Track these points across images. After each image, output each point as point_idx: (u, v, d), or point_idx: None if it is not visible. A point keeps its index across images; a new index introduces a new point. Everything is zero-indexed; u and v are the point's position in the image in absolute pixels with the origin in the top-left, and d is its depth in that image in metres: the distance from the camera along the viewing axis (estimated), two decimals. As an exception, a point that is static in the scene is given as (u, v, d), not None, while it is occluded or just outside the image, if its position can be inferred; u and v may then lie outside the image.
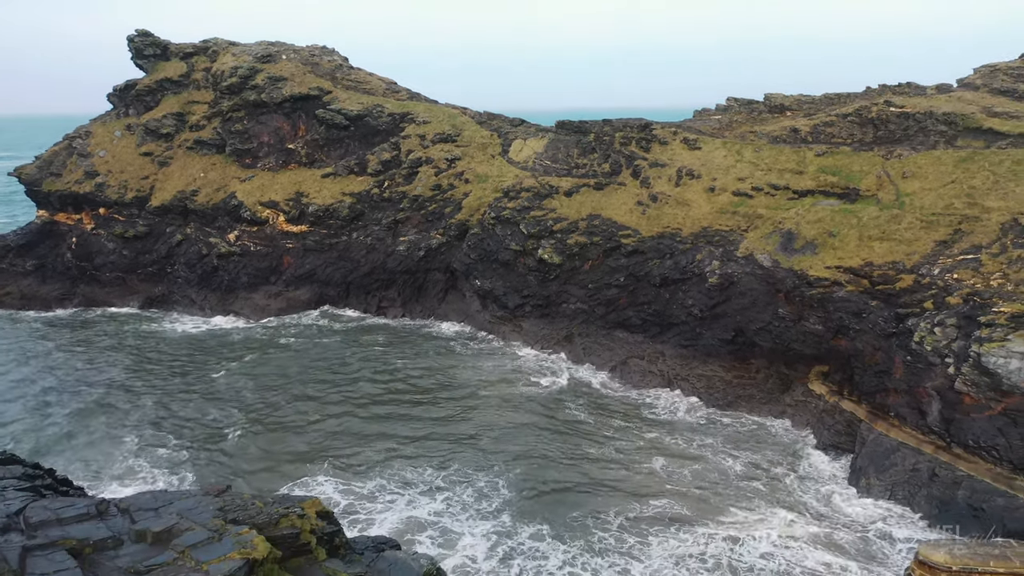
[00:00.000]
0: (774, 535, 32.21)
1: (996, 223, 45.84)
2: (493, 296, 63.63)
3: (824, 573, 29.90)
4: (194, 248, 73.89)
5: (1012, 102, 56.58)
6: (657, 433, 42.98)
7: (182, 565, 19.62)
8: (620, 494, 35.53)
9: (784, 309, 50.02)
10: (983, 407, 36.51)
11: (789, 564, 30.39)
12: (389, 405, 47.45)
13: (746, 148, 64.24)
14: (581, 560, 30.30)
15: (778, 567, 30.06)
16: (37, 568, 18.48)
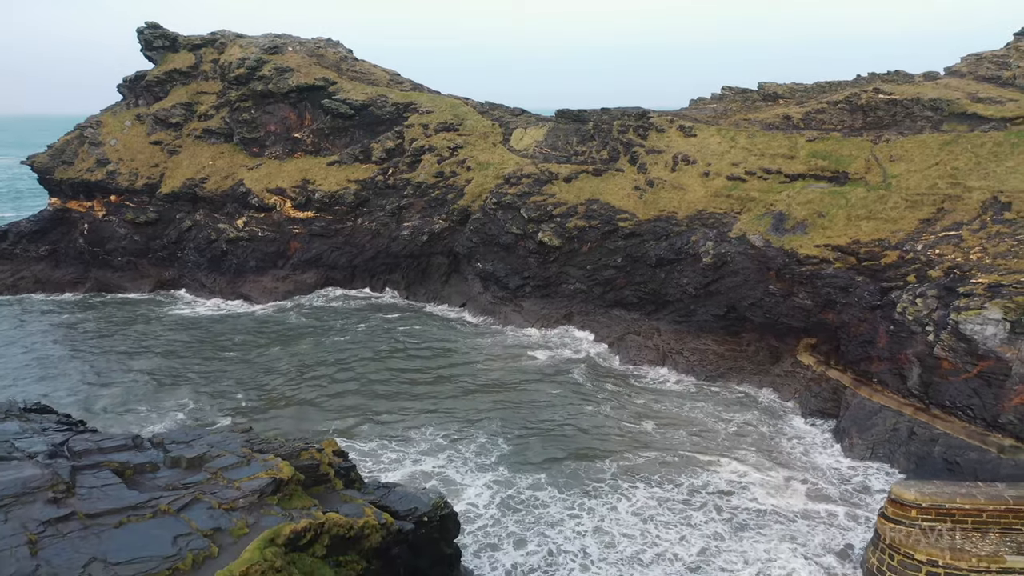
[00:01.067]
0: (758, 484, 34.26)
1: (977, 201, 47.86)
2: (495, 278, 65.65)
3: (807, 516, 31.95)
4: (203, 233, 75.91)
5: (996, 88, 58.58)
6: (650, 399, 45.06)
7: (216, 483, 21.83)
8: (614, 450, 37.58)
9: (775, 286, 52.03)
10: (960, 371, 38.52)
11: (773, 508, 32.45)
12: (392, 376, 49.37)
13: (740, 135, 66.23)
14: (576, 502, 32.36)
15: (760, 509, 32.14)
16: (86, 483, 20.71)
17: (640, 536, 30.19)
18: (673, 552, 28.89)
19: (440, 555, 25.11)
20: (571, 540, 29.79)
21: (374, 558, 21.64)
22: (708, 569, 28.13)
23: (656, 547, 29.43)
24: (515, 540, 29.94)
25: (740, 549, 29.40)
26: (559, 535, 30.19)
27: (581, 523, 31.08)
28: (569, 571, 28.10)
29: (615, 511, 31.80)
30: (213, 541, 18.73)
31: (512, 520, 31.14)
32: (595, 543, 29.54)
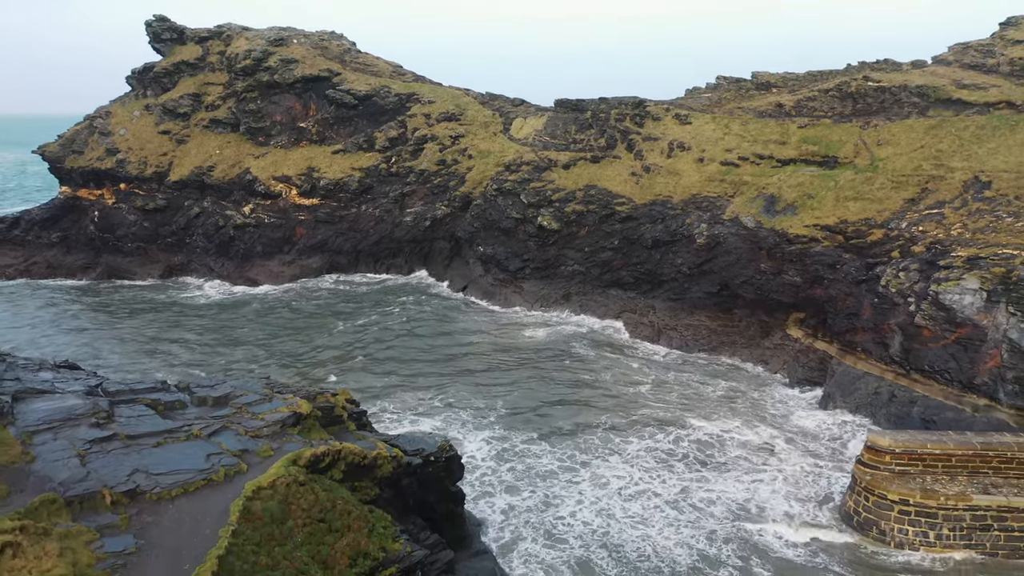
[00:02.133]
0: (742, 438, 36.30)
1: (959, 181, 49.77)
2: (495, 261, 67.57)
3: (786, 466, 33.89)
4: (211, 220, 77.82)
5: (980, 75, 60.47)
6: (644, 368, 47.04)
7: (240, 416, 23.85)
8: (608, 410, 39.63)
9: (766, 264, 53.97)
10: (939, 338, 40.46)
11: (754, 459, 34.43)
12: (396, 352, 51.22)
13: (734, 122, 68.17)
14: (568, 454, 34.36)
15: (742, 459, 34.13)
16: (123, 414, 22.75)
17: (627, 477, 32.23)
18: (654, 490, 30.97)
19: (446, 492, 27.01)
20: (565, 486, 31.77)
21: (386, 486, 23.56)
22: (684, 504, 30.17)
23: (638, 486, 31.50)
24: (507, 487, 31.92)
25: (719, 490, 31.47)
26: (553, 483, 32.15)
27: (576, 473, 33.04)
28: (559, 509, 30.10)
29: (605, 460, 33.78)
30: (242, 460, 20.68)
31: (506, 468, 33.11)
32: (589, 485, 31.58)
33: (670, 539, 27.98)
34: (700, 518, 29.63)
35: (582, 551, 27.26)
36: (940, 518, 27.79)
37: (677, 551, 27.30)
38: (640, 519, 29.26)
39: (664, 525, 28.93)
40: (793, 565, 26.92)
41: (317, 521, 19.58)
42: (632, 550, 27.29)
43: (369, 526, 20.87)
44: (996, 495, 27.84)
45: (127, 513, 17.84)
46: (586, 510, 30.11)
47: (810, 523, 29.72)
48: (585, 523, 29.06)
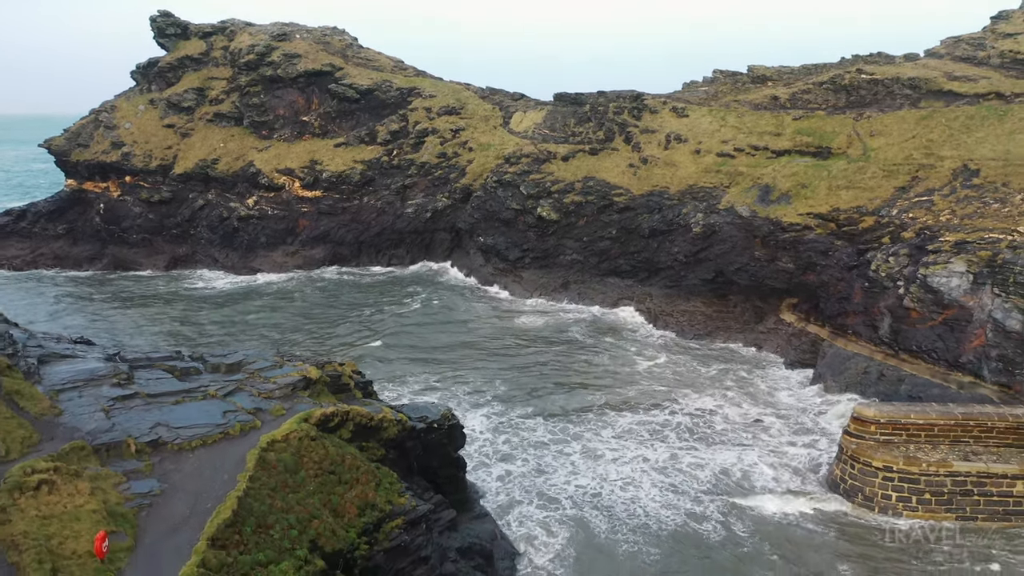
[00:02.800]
0: (733, 412, 37.53)
1: (948, 169, 50.96)
2: (495, 251, 68.72)
3: (775, 438, 35.09)
4: (216, 212, 78.97)
5: (971, 67, 61.66)
6: (640, 351, 48.19)
7: (253, 380, 25.06)
8: (603, 388, 40.90)
9: (760, 252, 55.13)
10: (926, 319, 41.65)
11: (743, 431, 35.70)
12: (398, 335, 52.37)
13: (730, 114, 69.34)
14: (560, 427, 35.62)
15: (732, 430, 35.37)
16: (143, 376, 23.99)
17: (619, 447, 33.49)
18: (644, 457, 32.23)
19: (448, 458, 28.15)
20: (557, 456, 33.04)
21: (391, 448, 24.71)
22: (673, 470, 31.40)
23: (629, 454, 32.81)
24: (503, 456, 33.16)
25: (708, 458, 32.73)
26: (546, 452, 33.43)
27: (569, 444, 34.26)
28: (552, 476, 31.36)
29: (597, 434, 35.04)
30: (256, 417, 21.86)
31: (502, 440, 34.35)
32: (581, 455, 32.82)
33: (658, 500, 29.27)
34: (688, 482, 30.89)
35: (575, 511, 28.50)
36: (922, 484, 28.95)
37: (664, 512, 28.54)
38: (630, 483, 30.55)
39: (652, 487, 30.15)
40: (779, 527, 28.09)
41: (328, 473, 20.75)
42: (622, 510, 28.55)
43: (376, 481, 22.05)
44: (976, 462, 29.01)
45: (151, 461, 19.05)
46: (579, 476, 31.36)
47: (796, 490, 30.88)
48: (578, 487, 30.35)
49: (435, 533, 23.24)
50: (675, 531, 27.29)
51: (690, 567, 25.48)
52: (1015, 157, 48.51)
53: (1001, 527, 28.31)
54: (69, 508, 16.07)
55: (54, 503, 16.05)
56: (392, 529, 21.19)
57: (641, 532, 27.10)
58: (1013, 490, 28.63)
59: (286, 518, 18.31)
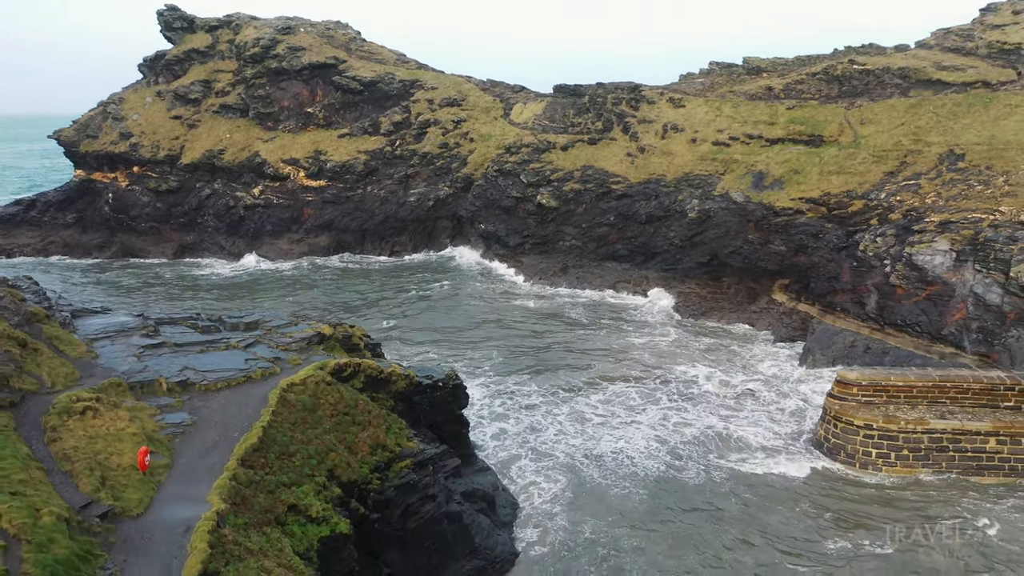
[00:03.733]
0: (723, 380, 39.25)
1: (935, 154, 52.62)
2: (496, 237, 70.38)
3: (762, 403, 36.78)
4: (222, 201, 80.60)
5: (959, 57, 63.32)
6: (636, 328, 49.84)
7: (271, 336, 26.73)
8: (597, 359, 42.62)
9: (753, 235, 56.80)
10: (911, 295, 43.33)
11: (733, 396, 37.40)
12: (400, 313, 53.99)
13: (725, 104, 70.98)
14: (552, 392, 37.42)
15: (721, 395, 37.07)
16: (168, 330, 25.63)
17: (610, 409, 35.34)
18: (634, 418, 33.97)
19: (452, 415, 29.74)
20: (549, 415, 34.93)
21: (400, 400, 26.35)
22: (660, 428, 33.19)
23: (620, 415, 34.62)
24: (497, 416, 34.90)
25: (695, 417, 34.48)
26: (537, 413, 35.25)
27: (562, 406, 36.09)
28: (544, 433, 33.25)
29: (587, 398, 36.94)
30: (275, 365, 23.53)
31: (497, 404, 36.09)
32: (572, 415, 34.63)
33: (644, 452, 31.10)
34: (674, 438, 32.68)
35: (567, 462, 30.27)
36: (900, 441, 30.59)
37: (650, 462, 30.29)
38: (619, 438, 32.34)
39: (640, 442, 32.03)
40: (761, 478, 29.72)
41: (342, 414, 22.41)
42: (611, 461, 30.38)
43: (387, 425, 23.71)
44: (951, 420, 30.65)
45: (181, 398, 20.72)
46: (570, 434, 33.16)
47: (779, 448, 32.52)
48: (569, 443, 32.14)
49: (441, 477, 24.87)
50: (660, 476, 29.10)
51: (675, 507, 27.22)
52: (998, 142, 50.15)
53: (973, 480, 29.94)
54: (112, 430, 17.74)
55: (98, 426, 17.71)
56: (401, 468, 22.83)
57: (629, 479, 28.84)
58: (986, 446, 30.26)
59: (306, 448, 19.98)
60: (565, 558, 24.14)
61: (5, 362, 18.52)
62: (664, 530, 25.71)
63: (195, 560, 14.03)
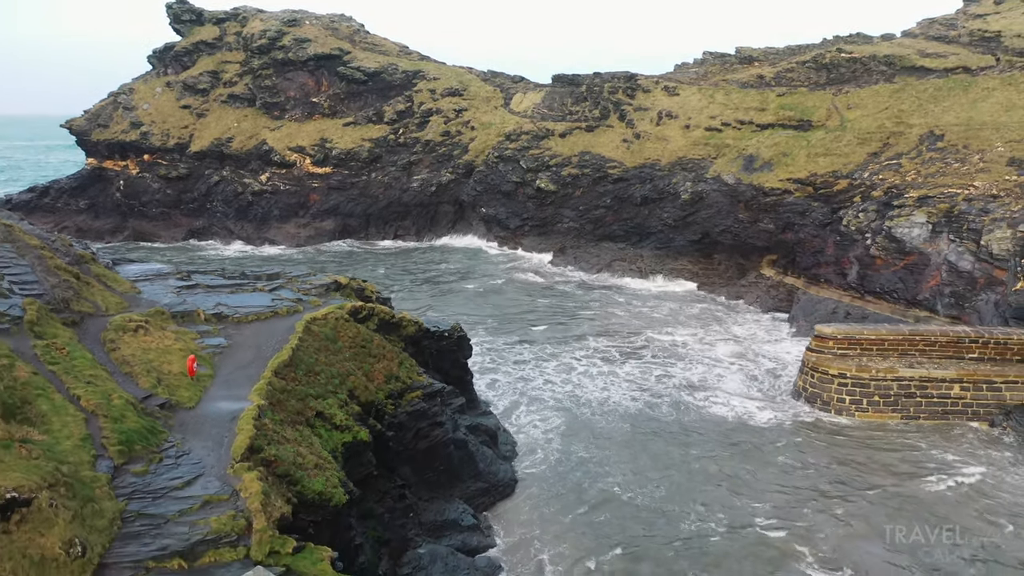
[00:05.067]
0: (709, 341, 41.76)
1: (916, 135, 55.07)
2: (496, 220, 72.85)
3: (747, 361, 39.21)
4: (230, 187, 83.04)
5: (943, 45, 65.81)
6: (628, 300, 52.35)
7: (292, 284, 29.19)
8: (586, 323, 45.29)
9: (743, 215, 59.26)
10: (890, 265, 45.81)
11: (717, 355, 39.89)
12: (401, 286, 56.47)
13: (718, 92, 73.48)
14: (540, 348, 40.24)
15: (706, 354, 39.58)
16: (198, 278, 28.00)
17: (597, 363, 37.93)
18: (616, 371, 36.59)
19: (458, 363, 32.19)
20: (539, 369, 37.58)
21: (410, 343, 28.79)
22: (642, 379, 35.78)
23: (604, 368, 37.21)
24: (488, 370, 37.46)
25: (676, 372, 37.08)
26: (527, 367, 37.92)
27: (550, 362, 38.62)
28: (534, 383, 35.99)
29: (574, 354, 39.57)
30: (298, 304, 25.96)
31: (488, 359, 38.67)
32: (560, 368, 37.22)
33: (627, 396, 33.97)
34: (656, 387, 35.44)
35: (556, 404, 33.07)
36: (872, 388, 33.02)
37: (633, 404, 33.10)
38: (604, 387, 35.21)
39: (623, 389, 34.90)
40: (740, 420, 32.16)
41: (360, 347, 24.85)
42: (597, 403, 33.21)
43: (399, 361, 26.15)
44: (919, 369, 33.11)
45: (217, 327, 23.15)
46: (557, 383, 35.94)
47: (756, 398, 35.00)
48: (556, 390, 34.97)
49: (448, 410, 27.30)
50: (641, 414, 31.81)
51: (658, 435, 29.95)
52: (975, 122, 52.60)
53: (938, 424, 32.41)
54: (161, 345, 20.19)
55: (149, 341, 20.15)
56: (413, 398, 25.26)
57: (614, 416, 31.61)
58: (951, 392, 32.71)
59: (329, 370, 22.42)
60: (562, 472, 26.72)
61: (65, 288, 20.96)
62: (647, 451, 28.52)
63: (243, 438, 16.48)
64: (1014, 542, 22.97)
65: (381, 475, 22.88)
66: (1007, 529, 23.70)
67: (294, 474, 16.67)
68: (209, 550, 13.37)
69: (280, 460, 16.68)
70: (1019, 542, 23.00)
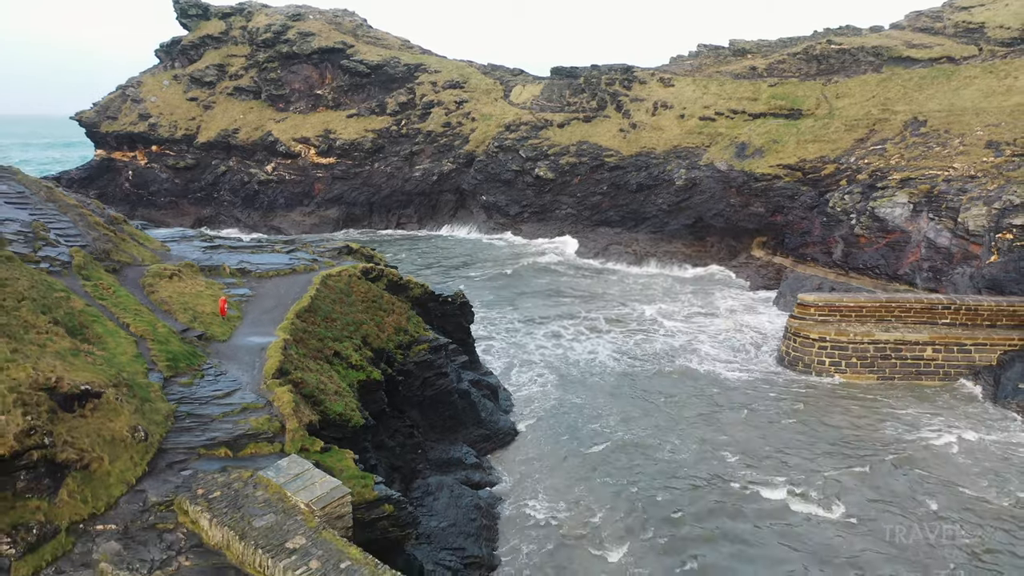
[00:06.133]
0: (700, 312, 43.82)
1: (900, 121, 57.16)
2: (497, 207, 74.93)
3: (736, 333, 41.31)
4: (237, 177, 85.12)
5: (929, 36, 67.89)
6: (623, 278, 54.52)
7: (306, 248, 31.29)
8: (578, 299, 47.55)
9: (735, 199, 61.35)
10: (873, 243, 47.93)
11: (707, 324, 42.02)
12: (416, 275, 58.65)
13: (712, 83, 75.55)
14: (530, 318, 42.50)
15: (695, 324, 41.65)
16: (220, 240, 30.03)
17: (585, 331, 40.16)
18: (603, 337, 38.81)
19: (461, 327, 34.28)
20: (529, 336, 39.71)
21: (416, 304, 30.88)
22: (628, 343, 37.88)
23: (592, 335, 39.39)
24: (483, 337, 39.58)
25: (662, 339, 39.26)
26: (518, 335, 40.14)
27: (540, 328, 40.81)
28: (525, 348, 38.11)
29: (561, 323, 41.80)
30: (313, 264, 28.05)
31: (481, 328, 40.83)
32: (547, 336, 39.40)
33: (613, 358, 36.35)
34: (638, 351, 37.63)
35: (547, 364, 35.58)
36: (850, 350, 35.11)
37: (617, 364, 35.44)
38: (590, 350, 37.65)
39: (608, 352, 37.26)
40: (720, 378, 34.29)
41: (371, 301, 26.95)
42: (585, 363, 35.74)
43: (407, 316, 28.24)
44: (894, 332, 35.20)
45: (242, 280, 25.24)
46: (547, 348, 38.22)
47: (738, 361, 37.17)
48: (548, 352, 37.33)
49: (453, 364, 29.40)
50: (625, 372, 34.06)
51: (644, 389, 32.19)
52: (957, 108, 54.70)
53: (911, 384, 34.51)
54: (194, 290, 22.28)
55: (183, 286, 22.25)
56: (420, 350, 27.34)
57: (600, 373, 34.23)
58: (923, 354, 34.81)
59: (344, 318, 24.51)
60: (556, 418, 29.01)
61: (105, 241, 23.05)
62: (631, 401, 31.05)
63: (272, 362, 18.58)
64: (961, 487, 25.08)
65: (392, 415, 24.97)
66: (956, 471, 25.80)
67: (317, 396, 18.77)
68: (250, 443, 15.46)
69: (305, 382, 18.78)
70: (969, 490, 25.10)
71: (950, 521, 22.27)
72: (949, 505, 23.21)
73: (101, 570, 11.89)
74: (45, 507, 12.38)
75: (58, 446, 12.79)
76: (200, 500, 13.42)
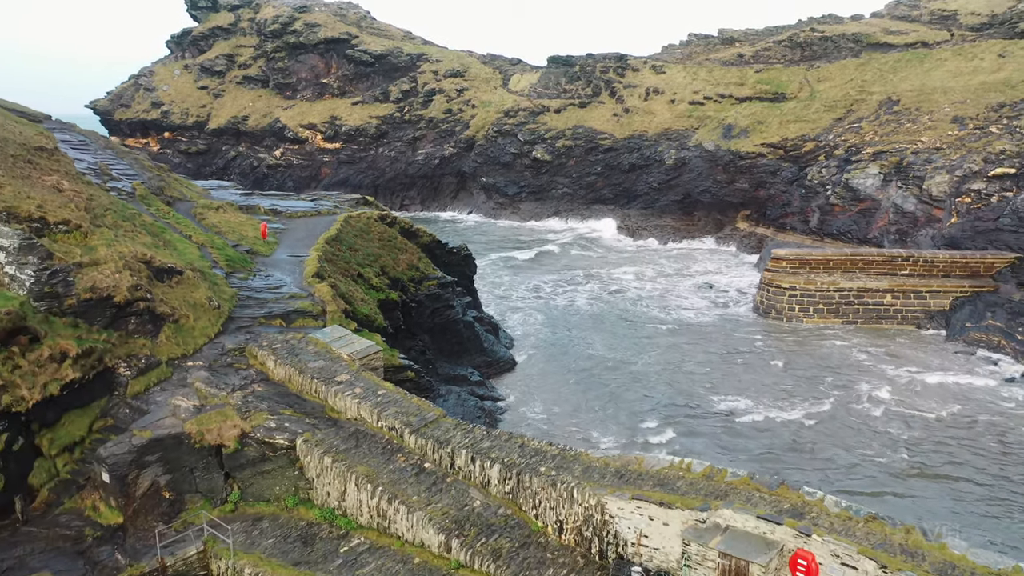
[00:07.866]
0: (687, 273, 47.50)
1: (876, 101, 60.81)
2: (496, 188, 78.54)
3: (715, 289, 44.98)
4: (247, 161, 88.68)
5: (906, 24, 71.54)
6: (614, 250, 58.15)
7: (327, 199, 34.81)
8: (568, 263, 51.72)
9: (721, 177, 65.00)
10: (846, 211, 51.58)
11: (690, 284, 45.75)
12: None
13: (701, 70, 79.18)
14: (515, 272, 46.26)
15: (684, 283, 45.37)
16: (257, 199, 33.43)
17: (565, 286, 44.20)
18: (584, 289, 42.67)
19: (465, 276, 37.86)
20: (513, 289, 43.51)
21: (425, 250, 34.47)
22: (607, 295, 41.62)
23: (572, 290, 43.27)
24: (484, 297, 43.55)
25: (637, 288, 43.26)
26: (502, 285, 43.97)
27: (524, 281, 44.59)
28: (511, 299, 41.81)
29: (543, 278, 45.71)
30: (335, 209, 31.64)
31: (481, 289, 44.71)
32: (531, 288, 43.18)
33: (590, 304, 40.33)
34: (611, 298, 41.61)
35: (533, 307, 39.81)
36: (817, 298, 38.73)
37: (595, 308, 39.46)
38: (569, 300, 41.92)
39: (586, 298, 41.51)
40: (699, 321, 37.96)
41: (387, 241, 30.56)
42: (564, 306, 40.24)
43: (419, 256, 31.85)
44: (857, 281, 38.84)
45: (275, 218, 28.82)
46: (530, 296, 42.43)
47: (708, 307, 41.03)
48: (531, 300, 41.51)
49: (459, 300, 32.99)
50: (602, 312, 38.35)
51: (618, 325, 36.11)
52: (927, 88, 58.36)
53: (873, 327, 38.14)
54: (237, 220, 25.87)
55: (228, 217, 25.85)
56: (429, 285, 30.95)
57: (578, 315, 38.69)
58: (884, 300, 38.44)
59: (365, 249, 28.12)
60: (550, 346, 32.94)
61: (159, 180, 26.65)
62: (611, 333, 35.26)
63: (311, 267, 22.20)
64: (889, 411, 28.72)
65: (407, 335, 28.57)
66: (905, 390, 29.44)
67: (348, 297, 22.38)
68: (299, 318, 19.08)
69: (338, 286, 22.39)
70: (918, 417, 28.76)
71: (893, 417, 25.91)
72: (890, 411, 26.86)
73: (196, 388, 15.41)
74: (149, 344, 15.93)
75: (156, 302, 16.31)
76: (266, 348, 16.97)
